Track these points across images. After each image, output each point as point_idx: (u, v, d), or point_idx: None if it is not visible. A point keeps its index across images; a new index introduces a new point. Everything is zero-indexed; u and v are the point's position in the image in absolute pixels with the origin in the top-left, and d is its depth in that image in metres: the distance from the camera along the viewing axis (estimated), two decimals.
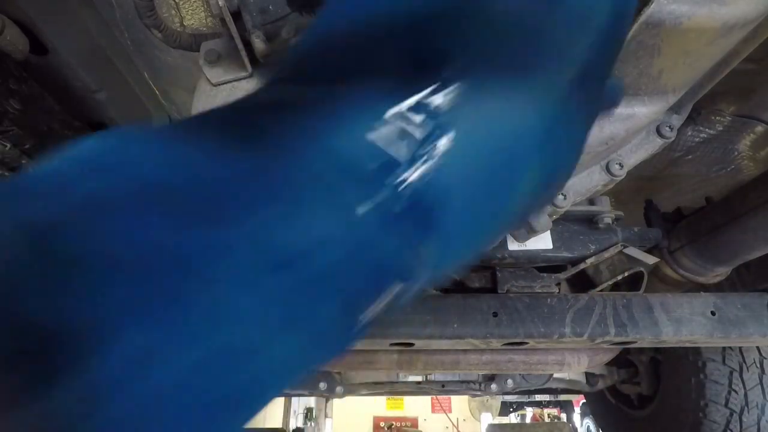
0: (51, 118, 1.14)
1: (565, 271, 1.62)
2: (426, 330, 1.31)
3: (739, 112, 1.56)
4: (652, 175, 1.89)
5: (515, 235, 1.02)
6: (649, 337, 1.34)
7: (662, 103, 0.94)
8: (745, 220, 1.41)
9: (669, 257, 1.69)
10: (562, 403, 10.83)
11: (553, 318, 1.34)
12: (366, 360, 2.04)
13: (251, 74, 0.94)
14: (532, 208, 0.85)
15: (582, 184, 0.99)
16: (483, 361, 2.05)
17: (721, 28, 0.80)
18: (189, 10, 1.06)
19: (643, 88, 0.91)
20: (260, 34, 0.81)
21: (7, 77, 1.01)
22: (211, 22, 1.07)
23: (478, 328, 1.32)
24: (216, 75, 0.94)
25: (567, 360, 2.07)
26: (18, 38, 1.03)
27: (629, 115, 0.93)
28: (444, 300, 1.36)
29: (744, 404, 2.37)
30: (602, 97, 0.61)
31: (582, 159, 0.93)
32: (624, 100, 0.93)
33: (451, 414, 12.16)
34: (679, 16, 0.77)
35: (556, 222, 1.52)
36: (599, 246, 1.62)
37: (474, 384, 2.95)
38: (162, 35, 0.95)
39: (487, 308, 1.35)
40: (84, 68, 1.19)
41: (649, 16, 0.75)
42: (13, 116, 1.02)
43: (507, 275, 1.60)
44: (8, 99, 1.00)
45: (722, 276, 1.68)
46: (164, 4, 1.04)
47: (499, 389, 2.86)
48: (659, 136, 1.04)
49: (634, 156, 1.03)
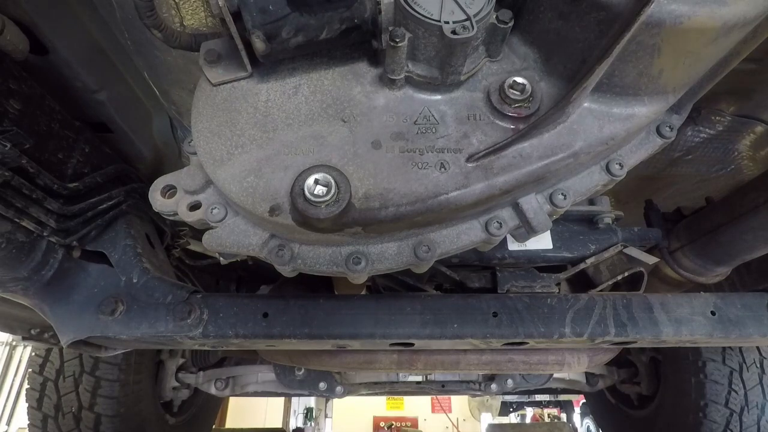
0: (51, 118, 1.14)
1: (565, 271, 1.62)
2: (426, 330, 1.31)
3: (739, 112, 1.56)
4: (652, 175, 1.89)
5: (515, 235, 1.02)
6: (649, 337, 1.34)
7: (662, 103, 0.94)
8: (745, 220, 1.41)
9: (669, 257, 1.68)
10: (562, 403, 10.84)
11: (553, 318, 1.34)
12: (366, 360, 2.04)
13: (251, 74, 0.95)
14: None
15: (582, 184, 0.99)
16: (483, 361, 2.05)
17: (721, 28, 0.80)
18: (189, 10, 1.06)
19: (643, 88, 0.91)
20: (260, 34, 0.81)
21: (7, 77, 1.01)
22: (211, 22, 1.07)
23: (478, 328, 1.32)
24: (216, 75, 0.94)
25: (567, 360, 2.07)
26: (18, 38, 1.03)
27: (629, 115, 0.93)
28: (444, 300, 1.36)
29: (744, 404, 2.37)
30: None
31: (582, 159, 0.93)
32: (624, 100, 0.93)
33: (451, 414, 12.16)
34: (679, 16, 0.77)
35: (556, 222, 1.52)
36: (599, 246, 1.62)
37: (474, 384, 2.95)
38: (162, 35, 0.95)
39: (487, 308, 1.34)
40: (84, 68, 1.19)
41: (649, 16, 0.75)
42: (13, 116, 1.02)
43: (507, 275, 1.60)
44: (8, 99, 1.00)
45: (722, 276, 1.68)
46: (164, 4, 1.04)
47: (499, 389, 2.86)
48: (659, 136, 1.04)
49: (634, 156, 1.03)
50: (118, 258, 1.34)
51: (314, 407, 11.25)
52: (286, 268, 0.94)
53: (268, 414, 10.08)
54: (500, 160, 0.89)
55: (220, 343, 1.34)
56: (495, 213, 0.97)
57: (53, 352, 2.42)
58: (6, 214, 1.04)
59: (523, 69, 0.93)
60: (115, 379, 2.32)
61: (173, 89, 1.32)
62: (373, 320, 1.32)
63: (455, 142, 0.90)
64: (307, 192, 0.81)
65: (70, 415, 2.33)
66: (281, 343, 1.34)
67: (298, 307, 1.31)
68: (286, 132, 0.91)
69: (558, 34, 0.88)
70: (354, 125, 0.91)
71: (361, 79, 0.95)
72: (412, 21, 0.82)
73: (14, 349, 9.51)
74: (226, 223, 0.94)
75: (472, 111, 0.92)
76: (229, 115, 0.92)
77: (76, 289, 1.28)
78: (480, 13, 0.82)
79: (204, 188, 0.97)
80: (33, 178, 1.08)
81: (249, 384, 2.86)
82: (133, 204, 1.46)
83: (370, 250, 0.94)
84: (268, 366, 2.75)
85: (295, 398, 10.18)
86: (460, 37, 0.80)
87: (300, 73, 0.95)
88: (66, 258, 1.26)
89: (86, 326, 1.25)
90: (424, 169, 0.88)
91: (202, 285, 2.24)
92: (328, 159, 0.88)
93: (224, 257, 1.01)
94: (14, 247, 1.10)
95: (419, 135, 0.90)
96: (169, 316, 1.27)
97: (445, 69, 0.88)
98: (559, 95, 0.90)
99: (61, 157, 1.19)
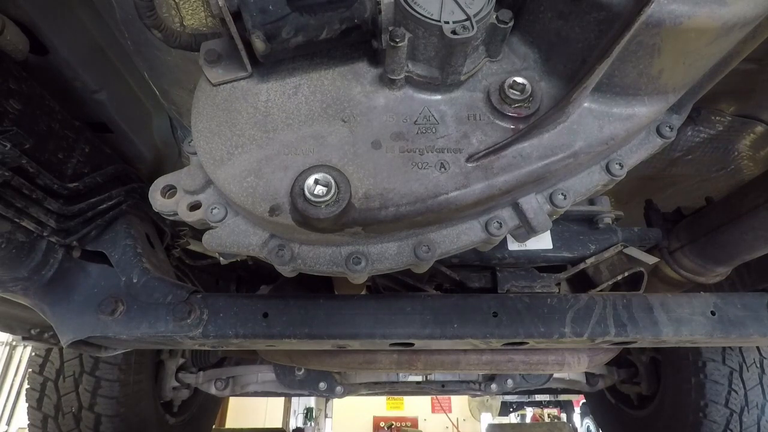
0: (51, 118, 1.14)
1: (565, 271, 1.62)
2: (426, 330, 1.31)
3: (739, 112, 1.56)
4: (652, 175, 1.89)
5: (515, 235, 1.02)
6: (649, 337, 1.34)
7: (662, 103, 0.94)
8: (745, 220, 1.41)
9: (669, 257, 1.68)
10: (562, 403, 10.84)
11: (553, 318, 1.34)
12: (366, 360, 2.04)
13: (251, 74, 0.95)
14: None
15: (582, 184, 0.99)
16: (483, 361, 2.05)
17: (721, 28, 0.80)
18: (189, 10, 1.05)
19: (643, 88, 0.91)
20: (260, 34, 0.81)
21: (7, 77, 1.00)
22: (211, 22, 1.07)
23: (478, 328, 1.32)
24: (216, 75, 0.94)
25: (567, 360, 2.07)
26: (18, 38, 1.03)
27: (629, 115, 0.93)
28: (444, 300, 1.36)
29: (744, 404, 2.37)
30: None
31: (582, 159, 0.93)
32: (624, 100, 0.93)
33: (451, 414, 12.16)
34: (679, 16, 0.77)
35: (556, 222, 1.52)
36: (599, 246, 1.62)
37: (474, 384, 2.95)
38: (162, 35, 0.95)
39: (487, 308, 1.34)
40: (84, 68, 1.19)
41: (649, 16, 0.75)
42: (13, 116, 1.02)
43: (507, 275, 1.60)
44: (8, 99, 1.00)
45: (722, 276, 1.68)
46: (164, 4, 1.04)
47: (499, 389, 2.86)
48: (659, 136, 1.04)
49: (634, 156, 1.03)
50: (118, 258, 1.34)
51: (314, 407, 11.26)
52: (286, 268, 0.94)
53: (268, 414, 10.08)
54: (500, 160, 0.89)
55: (220, 343, 1.34)
56: (495, 213, 0.97)
57: (53, 352, 2.42)
58: (6, 214, 1.04)
59: (523, 69, 0.93)
60: (115, 379, 2.32)
61: (173, 89, 1.32)
62: (373, 320, 1.32)
63: (455, 142, 0.90)
64: (307, 192, 0.81)
65: (70, 415, 2.33)
66: (281, 343, 1.34)
67: (298, 307, 1.31)
68: (286, 132, 0.91)
69: (558, 34, 0.88)
70: (354, 125, 0.91)
71: (361, 79, 0.95)
72: (412, 21, 0.82)
73: (14, 349, 9.52)
74: (226, 223, 0.94)
75: (472, 111, 0.92)
76: (229, 115, 0.92)
77: (76, 289, 1.28)
78: (480, 13, 0.82)
79: (204, 188, 0.97)
80: (33, 178, 1.08)
81: (249, 384, 2.87)
82: (133, 204, 1.46)
83: (370, 250, 0.94)
84: (268, 366, 2.75)
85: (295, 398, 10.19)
86: (460, 37, 0.80)
87: (300, 73, 0.95)
88: (66, 258, 1.26)
89: (86, 326, 1.25)
90: (424, 169, 0.88)
91: (202, 285, 2.24)
92: (328, 159, 0.88)
93: (224, 257, 1.01)
94: (14, 247, 1.10)
95: (419, 135, 0.90)
96: (169, 316, 1.27)
97: (445, 69, 0.88)
98: (559, 95, 0.90)
99: (61, 157, 1.19)
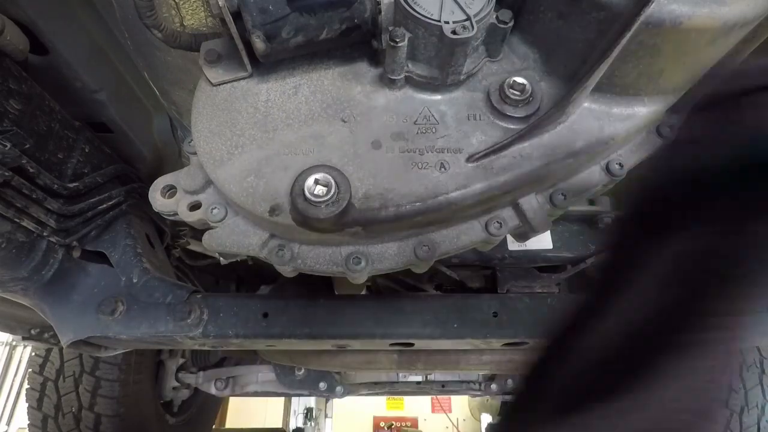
0: (51, 118, 1.14)
1: (565, 271, 1.62)
2: (426, 330, 1.31)
3: None
4: None
5: (515, 235, 1.02)
6: None
7: (662, 103, 0.94)
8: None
9: None
10: None
11: (553, 318, 1.34)
12: (366, 360, 2.04)
13: (251, 74, 0.95)
14: None
15: (582, 184, 0.99)
16: (483, 361, 2.05)
17: (721, 28, 0.80)
18: (189, 10, 1.05)
19: (643, 88, 0.91)
20: (260, 34, 0.81)
21: (7, 77, 1.00)
22: (211, 22, 1.07)
23: (478, 328, 1.32)
24: (216, 75, 0.94)
25: None
26: (18, 38, 1.02)
27: (629, 115, 0.93)
28: (444, 300, 1.36)
29: (744, 404, 2.37)
30: None
31: (582, 159, 0.93)
32: (624, 100, 0.93)
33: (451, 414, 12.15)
34: (679, 16, 0.77)
35: (556, 222, 1.52)
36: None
37: (474, 384, 2.95)
38: (162, 35, 0.95)
39: (487, 308, 1.34)
40: (84, 68, 1.19)
41: (649, 16, 0.75)
42: (13, 116, 1.01)
43: (507, 275, 1.60)
44: (8, 99, 1.00)
45: None
46: (164, 4, 1.03)
47: (499, 389, 2.86)
48: (659, 136, 1.04)
49: (634, 156, 1.03)
50: (118, 258, 1.34)
51: (314, 407, 11.25)
52: (286, 268, 0.94)
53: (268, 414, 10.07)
54: (500, 160, 0.89)
55: (220, 343, 1.34)
56: (495, 213, 0.97)
57: (53, 352, 2.42)
58: (6, 214, 1.04)
59: (523, 69, 0.93)
60: (115, 379, 2.32)
61: (173, 89, 1.31)
62: (373, 320, 1.32)
63: (455, 142, 0.90)
64: (307, 192, 0.81)
65: (70, 415, 2.33)
66: (281, 343, 1.34)
67: (298, 307, 1.31)
68: (286, 132, 0.91)
69: (558, 34, 0.88)
70: (354, 125, 0.91)
71: (361, 79, 0.95)
72: (412, 21, 0.82)
73: (14, 349, 9.50)
74: (226, 223, 0.94)
75: (472, 111, 0.92)
76: (229, 115, 0.92)
77: (76, 289, 1.28)
78: (480, 13, 0.82)
79: (204, 188, 0.97)
80: (33, 178, 1.08)
81: (249, 384, 2.86)
82: (133, 204, 1.46)
83: (370, 250, 0.94)
84: (268, 366, 2.75)
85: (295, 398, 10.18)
86: (460, 37, 0.80)
87: (300, 73, 0.95)
88: (66, 258, 1.26)
89: (86, 326, 1.25)
90: (424, 169, 0.88)
91: (202, 285, 2.24)
92: (328, 159, 0.88)
93: (224, 257, 1.01)
94: (14, 247, 1.10)
95: (419, 135, 0.90)
96: (169, 316, 1.27)
97: (445, 69, 0.88)
98: (559, 95, 0.90)
99: (61, 157, 1.19)
